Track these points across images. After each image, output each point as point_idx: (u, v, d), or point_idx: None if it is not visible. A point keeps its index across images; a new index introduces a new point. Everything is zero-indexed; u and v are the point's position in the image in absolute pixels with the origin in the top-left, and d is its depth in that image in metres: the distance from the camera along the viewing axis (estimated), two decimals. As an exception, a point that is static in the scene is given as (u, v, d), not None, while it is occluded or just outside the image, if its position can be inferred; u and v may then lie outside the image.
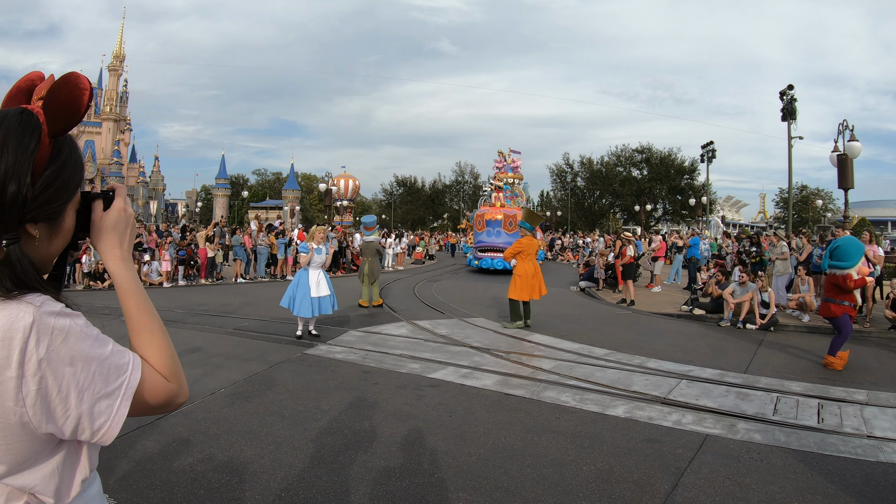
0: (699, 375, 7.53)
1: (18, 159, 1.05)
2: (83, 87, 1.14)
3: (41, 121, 1.10)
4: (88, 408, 1.05)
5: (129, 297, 1.22)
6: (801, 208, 64.05)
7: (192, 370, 7.30)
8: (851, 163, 16.88)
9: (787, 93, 23.32)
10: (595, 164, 73.08)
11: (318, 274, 9.57)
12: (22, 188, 1.04)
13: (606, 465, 4.64)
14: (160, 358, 1.20)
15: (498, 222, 25.58)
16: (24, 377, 0.99)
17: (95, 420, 1.07)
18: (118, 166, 60.81)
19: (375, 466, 4.51)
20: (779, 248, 14.29)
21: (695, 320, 12.69)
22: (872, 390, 7.09)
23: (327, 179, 58.04)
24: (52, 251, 1.17)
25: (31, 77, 1.21)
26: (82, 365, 1.04)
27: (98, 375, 1.06)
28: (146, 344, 1.20)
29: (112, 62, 62.52)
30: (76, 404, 1.04)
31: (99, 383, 1.06)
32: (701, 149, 39.96)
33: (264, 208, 70.90)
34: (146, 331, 1.21)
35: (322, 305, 9.46)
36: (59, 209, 1.12)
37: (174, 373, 1.21)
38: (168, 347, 1.23)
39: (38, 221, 1.09)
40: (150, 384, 1.16)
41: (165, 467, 4.42)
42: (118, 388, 1.09)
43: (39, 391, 1.00)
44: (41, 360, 1.00)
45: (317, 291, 9.38)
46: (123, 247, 1.25)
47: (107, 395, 1.07)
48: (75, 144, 1.17)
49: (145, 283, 17.58)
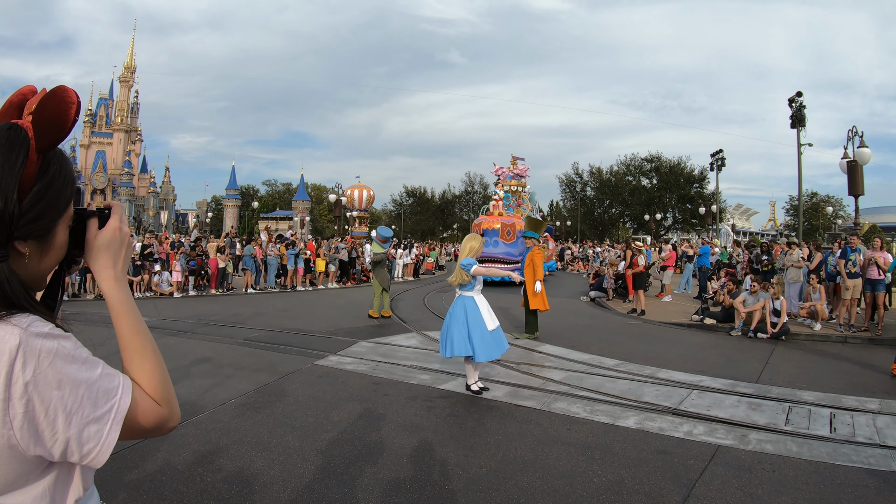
0: (710, 385, 7.49)
1: (4, 176, 1.03)
2: (70, 101, 1.11)
3: (30, 136, 1.07)
4: (77, 432, 1.03)
5: (121, 319, 1.20)
6: (811, 215, 63.79)
7: (202, 380, 7.34)
8: (861, 169, 16.83)
9: (795, 100, 23.25)
10: (604, 173, 73.10)
11: (483, 300, 7.21)
12: (9, 205, 1.03)
13: (617, 476, 4.62)
14: (151, 381, 1.18)
15: (495, 232, 24.73)
16: (10, 400, 0.97)
17: (84, 445, 1.04)
18: (129, 177, 61.32)
19: (385, 478, 4.51)
20: (794, 255, 14.20)
21: (706, 330, 12.63)
22: (885, 399, 7.02)
23: (337, 190, 58.23)
24: (44, 268, 1.15)
25: (23, 91, 1.18)
26: (70, 388, 1.02)
27: (87, 399, 1.04)
28: (137, 367, 1.18)
29: (123, 73, 63.17)
30: (64, 428, 1.01)
31: (87, 407, 1.04)
32: (710, 157, 39.81)
33: (274, 219, 71.14)
34: (138, 354, 1.19)
35: (500, 340, 7.10)
36: (49, 226, 1.11)
37: (166, 397, 1.19)
38: (160, 371, 1.21)
39: (27, 238, 1.08)
40: (141, 408, 1.13)
41: (175, 477, 4.43)
42: (107, 412, 1.06)
43: (27, 414, 0.98)
44: (28, 384, 0.97)
45: (492, 323, 7.03)
46: (117, 267, 1.22)
47: (96, 419, 1.05)
48: (66, 159, 1.15)
49: (155, 293, 17.70)
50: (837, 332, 11.84)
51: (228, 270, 20.34)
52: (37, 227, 1.08)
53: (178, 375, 7.47)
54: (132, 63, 63.61)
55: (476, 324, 6.87)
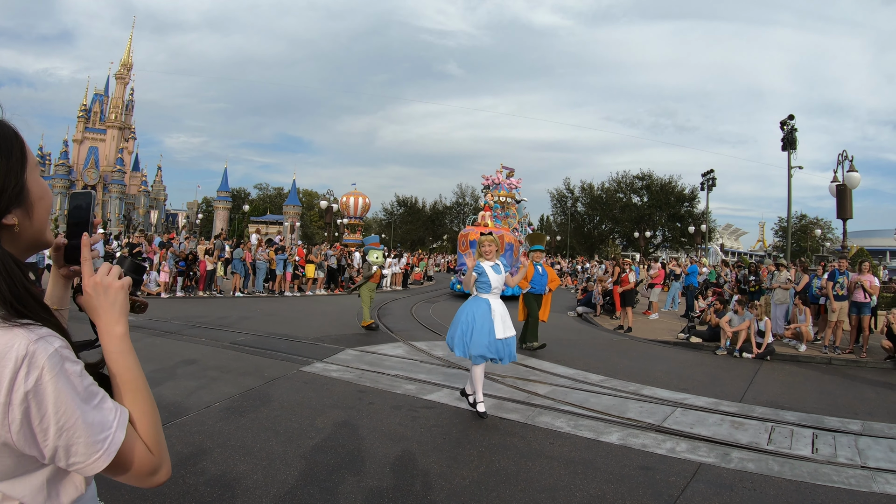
0: (694, 404, 7.53)
1: None
2: None
3: None
4: (65, 445, 1.03)
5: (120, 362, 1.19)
6: (800, 237, 64.23)
7: (188, 382, 7.31)
8: (850, 193, 16.99)
9: (787, 123, 23.48)
10: (595, 189, 73.29)
11: (500, 305, 6.76)
12: None
13: (599, 491, 4.64)
14: (143, 423, 1.17)
15: None
16: (11, 405, 0.99)
17: (70, 458, 1.04)
18: (121, 174, 61.09)
19: (368, 486, 4.50)
20: (782, 276, 14.31)
21: (691, 348, 12.69)
22: (867, 420, 7.09)
23: (329, 196, 58.16)
24: (38, 226, 1.16)
25: None
26: (66, 409, 1.02)
27: (80, 425, 1.03)
28: (131, 405, 1.17)
29: (119, 70, 63.04)
30: (54, 440, 1.02)
31: (80, 431, 1.04)
32: (701, 177, 40.16)
33: (265, 223, 70.99)
34: (131, 393, 1.18)
35: (508, 350, 6.71)
36: (18, 187, 1.10)
37: (157, 444, 1.17)
38: (154, 415, 1.19)
39: (9, 210, 1.09)
40: (133, 448, 1.12)
41: (158, 481, 4.40)
42: (101, 441, 1.06)
43: (24, 420, 1.00)
44: (28, 392, 0.99)
45: (503, 331, 6.61)
46: (124, 320, 1.21)
47: (87, 444, 1.04)
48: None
49: (143, 293, 17.60)
50: (822, 354, 11.92)
51: (218, 273, 20.28)
52: (6, 196, 1.09)
53: (164, 376, 7.44)
54: (129, 60, 63.47)
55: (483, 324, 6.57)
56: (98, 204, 59.63)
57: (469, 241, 24.06)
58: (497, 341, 6.53)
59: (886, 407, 8.02)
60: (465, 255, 6.70)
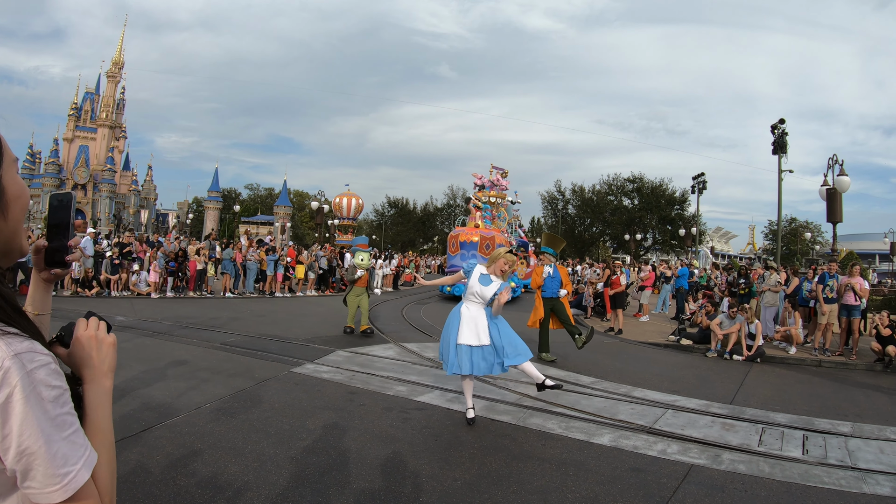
0: (685, 405, 7.55)
1: None
2: None
3: None
4: (23, 469, 1.00)
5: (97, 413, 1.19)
6: (789, 240, 64.53)
7: (178, 383, 7.26)
8: (840, 197, 17.07)
9: (778, 126, 23.57)
10: (586, 192, 73.45)
11: (476, 310, 6.36)
12: None
13: (591, 493, 4.64)
14: (102, 472, 1.12)
15: (473, 245, 22.80)
16: None
17: (25, 482, 1.01)
18: (111, 173, 60.81)
19: (359, 488, 4.49)
20: (771, 279, 14.37)
21: (682, 350, 12.73)
22: (857, 422, 7.14)
23: (320, 197, 58.02)
24: (13, 222, 1.11)
25: None
26: (31, 433, 0.98)
27: (43, 454, 0.99)
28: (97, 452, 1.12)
29: (111, 69, 62.73)
30: (13, 461, 0.99)
31: (41, 461, 1.00)
32: (692, 180, 40.22)
33: (255, 223, 70.82)
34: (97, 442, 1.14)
35: (478, 362, 6.24)
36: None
37: (111, 499, 1.14)
38: (112, 466, 1.17)
39: None
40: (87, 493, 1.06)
41: (148, 480, 4.38)
42: (62, 476, 1.02)
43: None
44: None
45: (468, 337, 6.23)
46: (112, 374, 1.24)
47: (46, 475, 1.00)
48: None
49: (133, 293, 17.49)
50: (812, 356, 11.98)
51: (209, 272, 20.19)
52: None
53: (154, 377, 7.39)
54: (120, 59, 63.18)
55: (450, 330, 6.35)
56: (88, 203, 59.30)
57: (459, 242, 23.39)
58: (461, 346, 6.18)
59: (876, 409, 8.07)
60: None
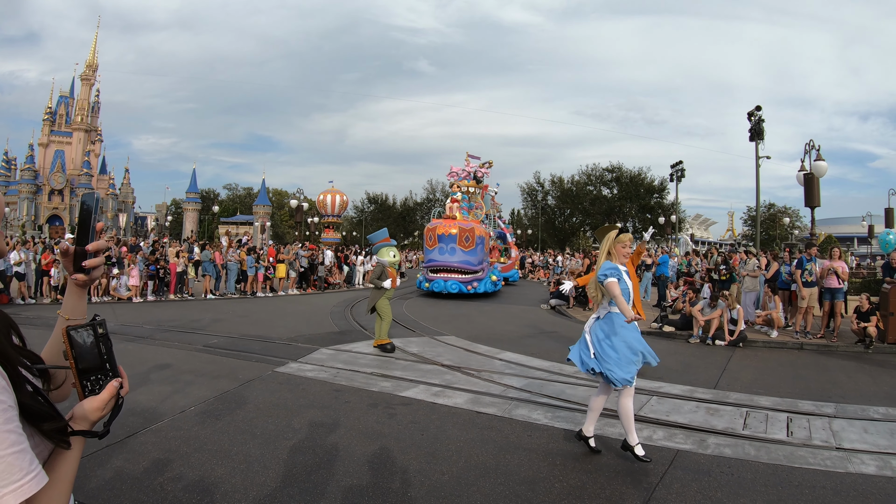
0: (669, 391, 7.60)
1: None
2: None
3: None
4: None
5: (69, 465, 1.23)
6: (768, 226, 65.29)
7: (162, 387, 7.19)
8: (818, 181, 17.28)
9: (755, 113, 23.74)
10: (566, 182, 73.74)
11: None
12: None
13: (579, 481, 4.65)
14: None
15: (452, 237, 21.52)
16: None
17: None
18: (88, 177, 60.09)
19: (347, 485, 4.46)
20: (750, 264, 14.51)
21: (664, 337, 12.81)
22: (840, 403, 7.24)
23: (299, 195, 57.69)
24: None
25: None
26: None
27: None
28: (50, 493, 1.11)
29: (85, 71, 61.94)
30: None
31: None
32: (670, 168, 40.44)
33: (235, 223, 70.35)
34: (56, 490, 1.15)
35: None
36: None
37: None
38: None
39: None
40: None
41: (135, 486, 4.32)
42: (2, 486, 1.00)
43: None
44: None
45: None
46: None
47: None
48: None
49: (113, 298, 17.28)
50: (794, 339, 12.11)
51: (190, 274, 20.01)
52: None
53: (137, 382, 7.30)
54: (94, 61, 62.36)
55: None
56: (65, 209, 58.54)
57: (437, 234, 21.98)
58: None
59: (858, 389, 8.18)
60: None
